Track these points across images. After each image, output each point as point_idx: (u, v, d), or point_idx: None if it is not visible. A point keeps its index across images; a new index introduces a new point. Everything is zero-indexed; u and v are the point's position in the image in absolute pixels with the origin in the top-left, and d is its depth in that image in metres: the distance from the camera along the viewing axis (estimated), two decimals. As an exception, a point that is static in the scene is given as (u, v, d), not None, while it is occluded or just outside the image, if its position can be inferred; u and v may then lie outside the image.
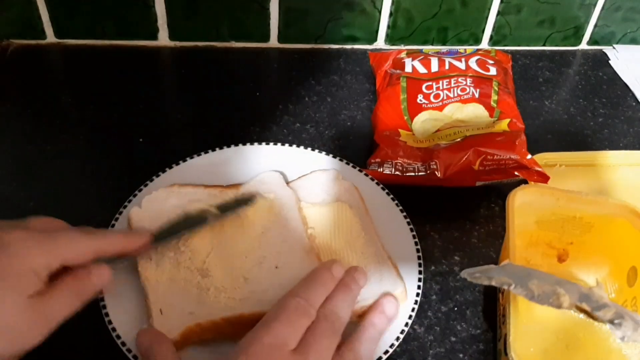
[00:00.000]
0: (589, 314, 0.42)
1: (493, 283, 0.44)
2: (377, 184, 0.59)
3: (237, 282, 0.49)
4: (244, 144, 0.62)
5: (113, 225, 0.53)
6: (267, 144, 0.62)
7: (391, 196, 0.58)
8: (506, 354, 0.45)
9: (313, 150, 0.62)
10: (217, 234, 0.52)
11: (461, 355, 0.51)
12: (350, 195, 0.58)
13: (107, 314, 0.47)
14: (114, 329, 0.46)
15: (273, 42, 0.81)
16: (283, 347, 0.40)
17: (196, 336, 0.46)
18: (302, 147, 0.63)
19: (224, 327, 0.47)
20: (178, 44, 0.80)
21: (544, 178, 0.60)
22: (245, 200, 0.54)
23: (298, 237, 0.52)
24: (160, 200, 0.55)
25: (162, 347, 0.44)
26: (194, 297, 0.48)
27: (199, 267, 0.50)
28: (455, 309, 0.54)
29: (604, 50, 0.87)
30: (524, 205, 0.51)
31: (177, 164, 0.59)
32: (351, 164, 0.61)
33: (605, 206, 0.52)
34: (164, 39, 0.79)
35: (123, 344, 0.46)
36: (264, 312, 0.44)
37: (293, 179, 0.60)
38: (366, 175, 0.60)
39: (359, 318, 0.47)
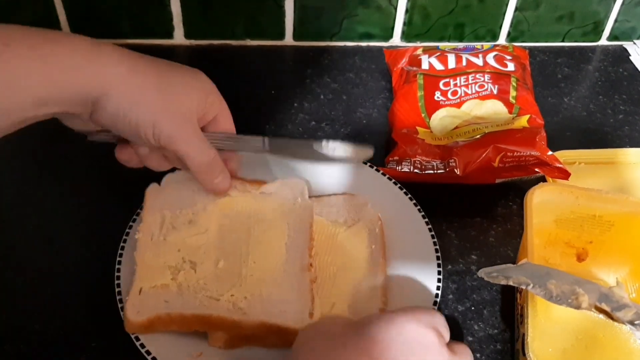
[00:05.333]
0: (608, 315, 0.41)
1: (511, 283, 0.43)
2: (395, 183, 0.59)
3: (221, 283, 0.49)
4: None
5: (130, 227, 0.53)
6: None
7: (409, 195, 0.57)
8: (524, 354, 0.44)
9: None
10: (221, 232, 0.52)
11: (478, 355, 0.50)
12: (371, 224, 0.56)
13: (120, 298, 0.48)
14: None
15: (288, 39, 0.81)
16: None
17: (162, 325, 0.47)
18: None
19: (191, 322, 0.47)
20: (193, 42, 0.80)
21: (564, 175, 0.59)
22: None
23: (299, 254, 0.51)
24: (180, 181, 0.55)
25: None
26: (175, 287, 0.48)
27: (193, 258, 0.50)
28: (472, 308, 0.53)
29: (624, 45, 0.85)
30: (542, 204, 0.51)
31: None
32: (368, 163, 0.61)
33: (625, 204, 0.51)
34: (179, 37, 0.79)
35: (137, 338, 0.46)
36: (233, 319, 0.46)
37: (320, 194, 0.59)
38: (383, 174, 0.60)
39: None
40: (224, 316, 0.47)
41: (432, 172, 0.61)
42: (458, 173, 0.60)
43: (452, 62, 0.71)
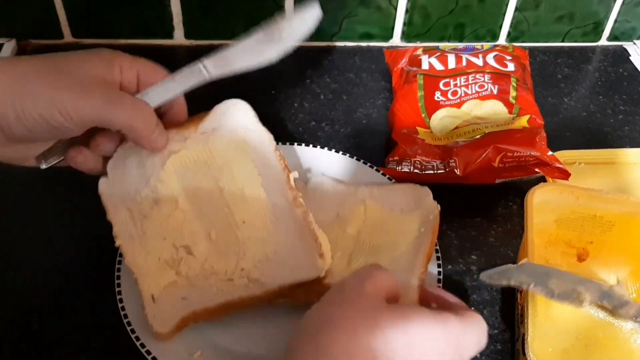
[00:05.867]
0: (610, 312, 0.41)
1: (512, 283, 0.43)
2: (394, 182, 0.59)
3: (225, 259, 0.47)
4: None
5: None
6: (284, 144, 0.62)
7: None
8: (524, 354, 0.44)
9: (330, 149, 0.62)
10: (193, 200, 0.49)
11: (478, 355, 0.50)
12: (427, 211, 0.54)
13: (122, 307, 0.48)
14: (125, 316, 0.47)
15: (288, 40, 0.81)
16: None
17: (190, 322, 0.46)
18: (318, 147, 0.62)
19: (216, 312, 0.46)
20: (193, 42, 0.80)
21: (564, 175, 0.59)
22: None
23: (280, 191, 0.48)
24: (121, 160, 0.48)
25: None
26: (184, 281, 0.47)
27: (184, 242, 0.48)
28: (472, 308, 0.53)
29: (624, 46, 0.85)
30: (543, 204, 0.51)
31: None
32: (368, 164, 0.61)
33: (626, 205, 0.51)
34: (179, 37, 0.79)
35: (132, 331, 0.46)
36: (255, 295, 0.45)
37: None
38: (383, 174, 0.60)
39: None
40: (244, 295, 0.46)
41: (432, 172, 0.61)
42: (458, 173, 0.60)
43: (452, 62, 0.71)
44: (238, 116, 0.50)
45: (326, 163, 0.61)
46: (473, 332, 0.37)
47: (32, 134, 0.42)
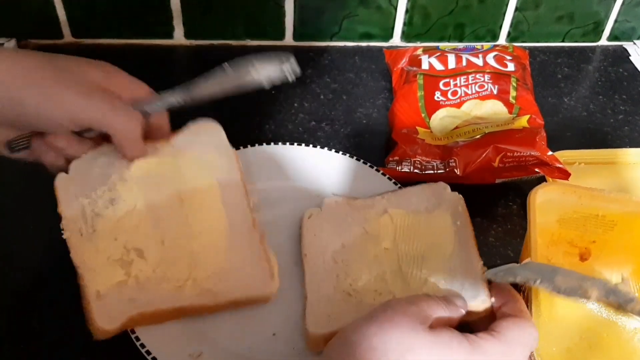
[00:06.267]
0: (617, 309, 0.41)
1: (518, 280, 0.43)
2: (395, 183, 0.59)
3: (178, 268, 0.47)
4: (260, 143, 0.62)
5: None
6: (284, 144, 0.62)
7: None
8: (528, 353, 0.44)
9: (330, 149, 0.62)
10: (151, 206, 0.49)
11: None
12: (453, 204, 0.54)
13: None
14: None
15: (288, 39, 0.81)
16: None
17: (135, 324, 0.46)
18: (318, 147, 0.62)
19: (164, 316, 0.46)
20: (194, 42, 0.80)
21: (564, 175, 0.59)
22: None
23: (240, 212, 0.50)
24: (88, 162, 0.49)
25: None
26: (133, 283, 0.47)
27: (136, 244, 0.48)
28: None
29: (624, 46, 0.85)
30: (545, 203, 0.50)
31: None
32: (368, 164, 0.61)
33: (628, 204, 0.51)
34: (179, 37, 0.79)
35: (132, 331, 0.46)
36: (205, 304, 0.46)
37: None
38: (383, 174, 0.60)
39: None
40: (195, 304, 0.46)
41: (432, 172, 0.61)
42: (458, 173, 0.60)
43: (452, 62, 0.71)
44: (210, 136, 0.53)
45: (326, 163, 0.61)
46: (513, 349, 0.39)
47: (13, 122, 0.44)
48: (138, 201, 0.49)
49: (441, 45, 0.77)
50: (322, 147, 0.62)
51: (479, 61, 0.71)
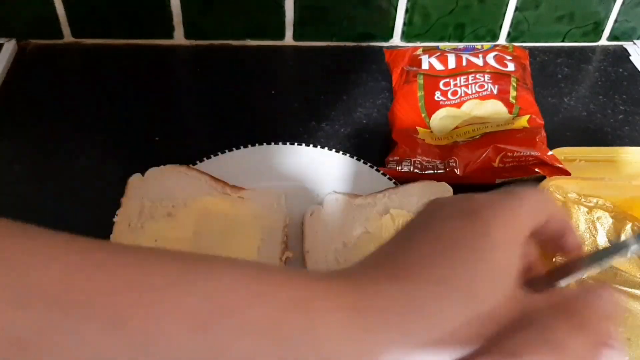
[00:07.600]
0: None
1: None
2: (395, 183, 0.59)
3: None
4: (260, 142, 0.62)
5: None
6: (284, 144, 0.62)
7: (408, 194, 0.57)
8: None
9: (330, 149, 0.62)
10: (198, 232, 0.52)
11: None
12: None
13: None
14: None
15: (288, 40, 0.81)
16: None
17: None
18: (318, 147, 0.62)
19: None
20: (193, 42, 0.80)
21: (565, 174, 0.59)
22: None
23: (270, 258, 0.52)
24: (163, 174, 0.56)
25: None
26: None
27: None
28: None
29: (624, 46, 0.85)
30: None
31: (194, 163, 0.59)
32: (368, 164, 0.61)
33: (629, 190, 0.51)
34: (179, 37, 0.79)
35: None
36: None
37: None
38: (383, 174, 0.60)
39: None
40: None
41: (432, 172, 0.61)
42: (458, 173, 0.60)
43: (452, 62, 0.71)
44: (271, 197, 0.57)
45: (326, 163, 0.61)
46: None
47: None
48: (188, 223, 0.53)
49: (441, 45, 0.77)
50: (322, 147, 0.62)
51: (479, 61, 0.71)
